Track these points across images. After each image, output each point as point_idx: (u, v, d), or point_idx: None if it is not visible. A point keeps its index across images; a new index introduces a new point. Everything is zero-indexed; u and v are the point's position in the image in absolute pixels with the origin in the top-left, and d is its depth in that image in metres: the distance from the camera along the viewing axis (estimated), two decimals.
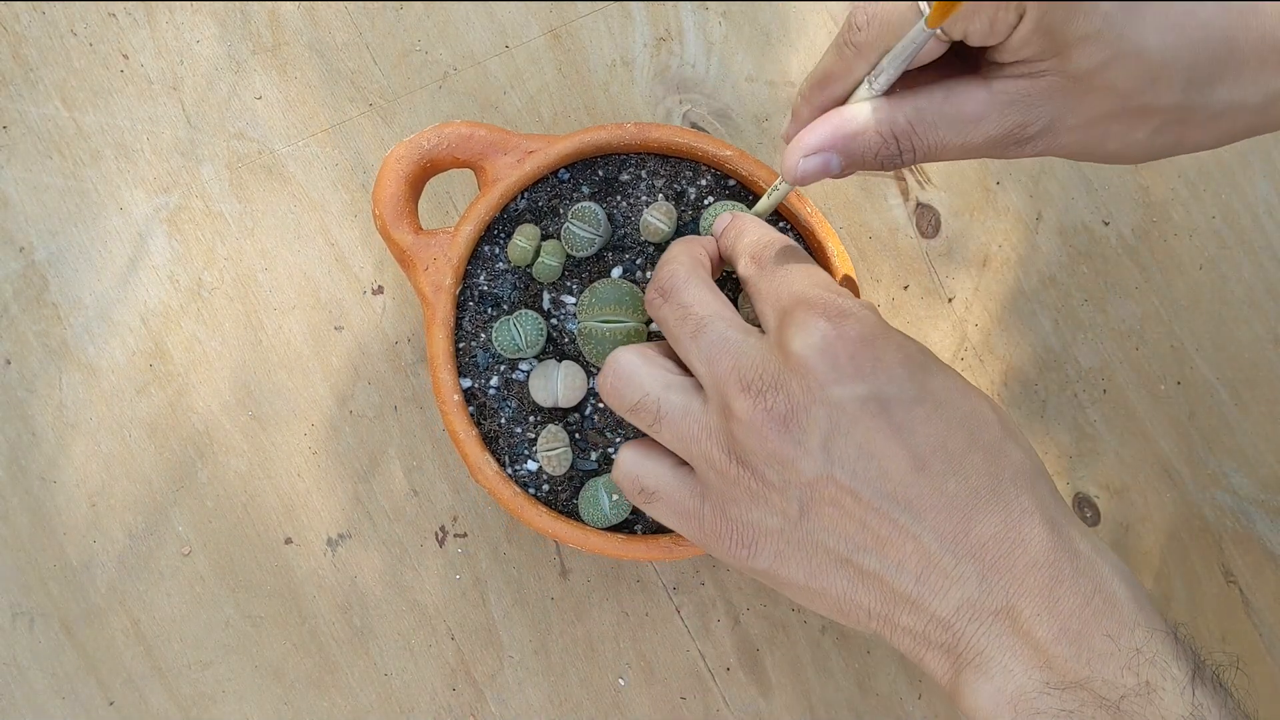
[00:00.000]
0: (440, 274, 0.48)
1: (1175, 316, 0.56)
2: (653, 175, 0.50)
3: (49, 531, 0.54)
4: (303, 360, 0.55)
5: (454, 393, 0.48)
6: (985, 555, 0.34)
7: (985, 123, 0.36)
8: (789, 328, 0.37)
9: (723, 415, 0.37)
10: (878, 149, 0.37)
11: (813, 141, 0.37)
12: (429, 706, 0.54)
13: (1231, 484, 0.56)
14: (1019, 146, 0.37)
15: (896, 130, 0.36)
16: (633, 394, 0.40)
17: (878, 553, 0.35)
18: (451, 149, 0.48)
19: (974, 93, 0.36)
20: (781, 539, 0.37)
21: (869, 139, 0.37)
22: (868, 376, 0.36)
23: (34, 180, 0.55)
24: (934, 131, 0.36)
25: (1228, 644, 0.55)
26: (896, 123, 0.36)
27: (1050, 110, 0.35)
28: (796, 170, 0.38)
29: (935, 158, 0.37)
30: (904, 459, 0.35)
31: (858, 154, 0.37)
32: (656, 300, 0.42)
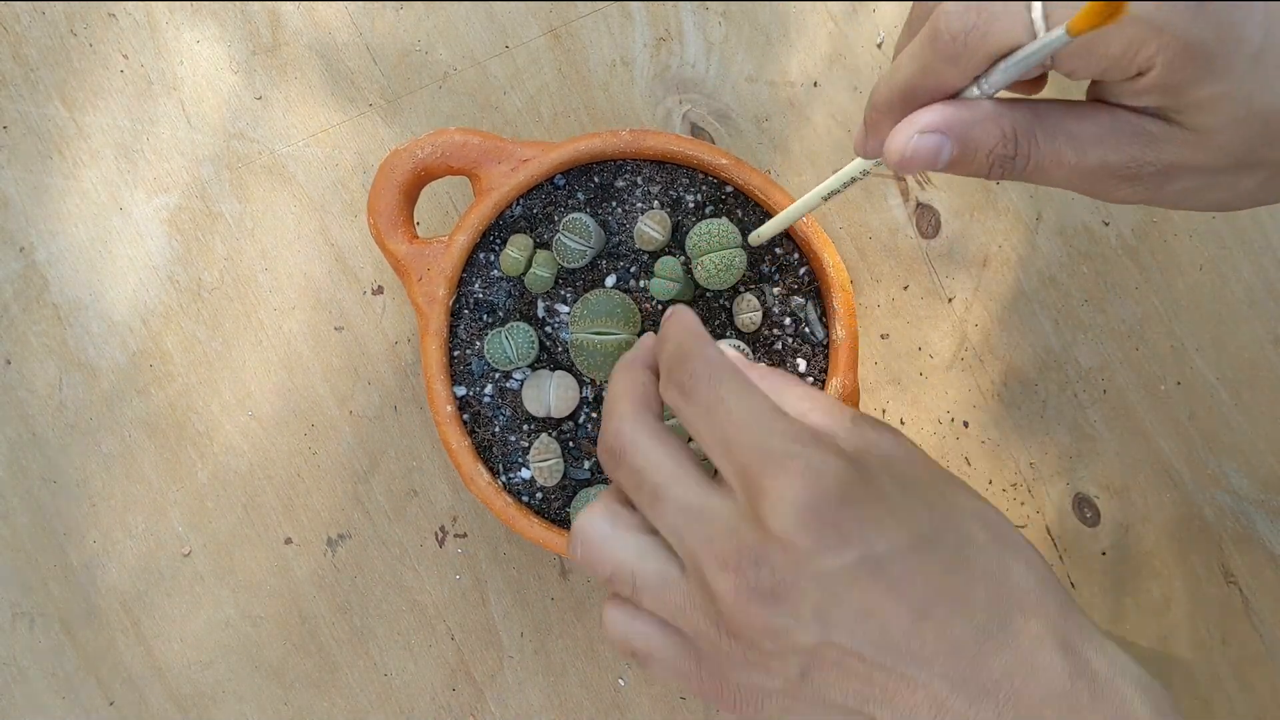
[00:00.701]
0: (434, 285, 0.48)
1: (1175, 316, 0.56)
2: (648, 182, 0.50)
3: (49, 531, 0.54)
4: (303, 360, 0.55)
5: (447, 404, 0.48)
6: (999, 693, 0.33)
7: (1103, 146, 0.34)
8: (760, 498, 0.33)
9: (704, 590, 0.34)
10: (995, 144, 0.34)
11: (931, 119, 0.34)
12: (429, 706, 0.54)
13: (1231, 484, 0.56)
14: (1130, 185, 0.35)
15: (1019, 128, 0.34)
16: (604, 566, 0.37)
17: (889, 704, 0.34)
18: (446, 157, 0.48)
19: (1096, 114, 0.34)
20: (786, 696, 0.35)
21: (989, 131, 0.34)
22: (855, 541, 0.33)
23: (34, 180, 0.55)
24: (1052, 141, 0.34)
25: (1228, 645, 0.55)
26: (1020, 121, 0.34)
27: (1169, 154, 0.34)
28: (908, 147, 0.34)
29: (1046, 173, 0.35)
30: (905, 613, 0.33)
31: (974, 144, 0.34)
32: (609, 463, 0.38)
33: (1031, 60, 0.32)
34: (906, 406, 0.56)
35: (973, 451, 0.56)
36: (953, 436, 0.56)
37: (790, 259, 0.49)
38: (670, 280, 0.48)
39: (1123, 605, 0.55)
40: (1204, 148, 0.33)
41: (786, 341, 0.49)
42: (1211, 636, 0.55)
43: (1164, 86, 0.32)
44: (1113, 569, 0.55)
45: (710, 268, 0.47)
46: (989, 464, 0.56)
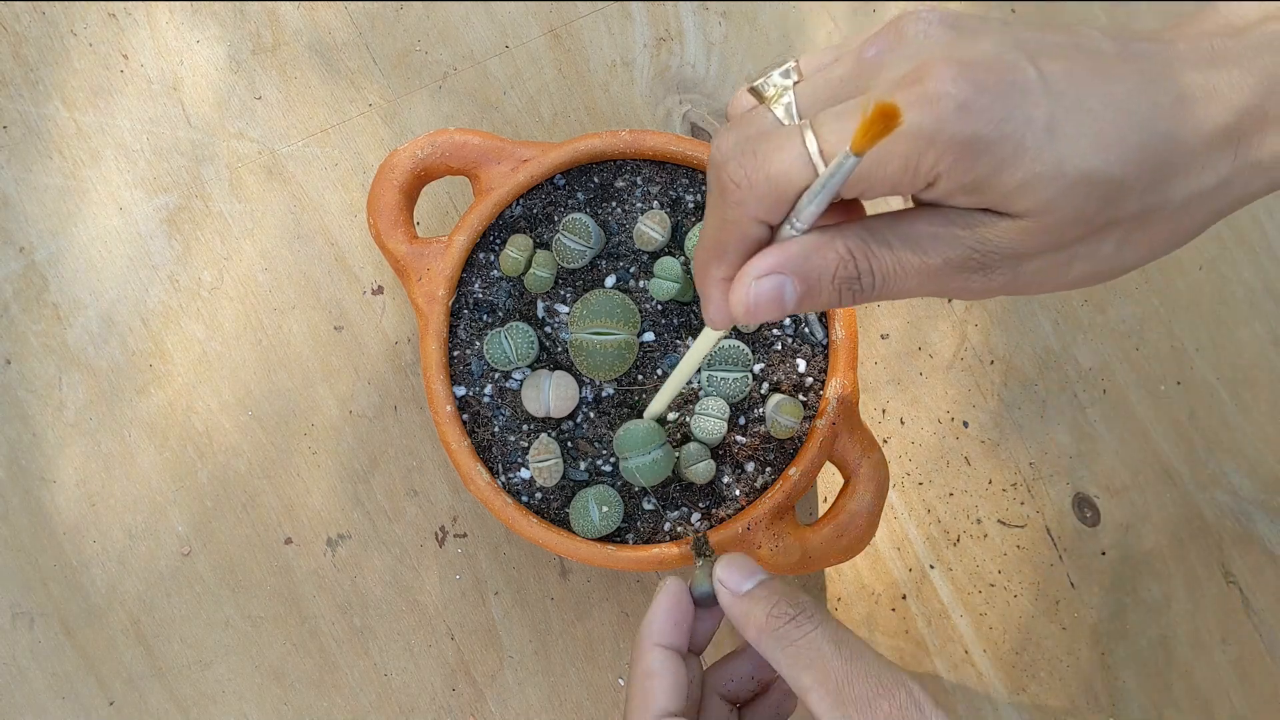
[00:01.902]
0: (434, 285, 0.48)
1: (1175, 316, 0.56)
2: (648, 182, 0.50)
3: (49, 531, 0.54)
4: (303, 360, 0.55)
5: (447, 404, 0.48)
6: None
7: (940, 243, 0.32)
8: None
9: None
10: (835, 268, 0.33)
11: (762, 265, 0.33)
12: (429, 706, 0.54)
13: (1231, 484, 0.56)
14: (983, 275, 0.33)
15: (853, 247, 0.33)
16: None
17: None
18: (445, 158, 0.48)
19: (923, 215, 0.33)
20: None
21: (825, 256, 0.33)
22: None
23: (34, 180, 0.55)
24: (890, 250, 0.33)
25: (1228, 645, 0.55)
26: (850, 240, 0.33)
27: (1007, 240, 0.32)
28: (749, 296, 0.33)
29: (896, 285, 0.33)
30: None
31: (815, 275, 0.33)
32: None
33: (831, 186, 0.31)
34: (906, 406, 0.56)
35: (973, 451, 0.56)
36: (953, 436, 0.56)
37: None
38: (670, 281, 0.48)
39: (1123, 605, 0.55)
40: (1038, 230, 0.32)
41: (786, 342, 0.49)
42: (1211, 636, 0.55)
43: (962, 188, 0.31)
44: (1113, 569, 0.55)
45: None
46: (989, 464, 0.56)
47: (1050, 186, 0.31)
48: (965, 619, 0.55)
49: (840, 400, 0.48)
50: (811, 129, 0.31)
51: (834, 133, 0.31)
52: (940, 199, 0.32)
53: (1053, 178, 0.31)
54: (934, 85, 0.30)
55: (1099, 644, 0.55)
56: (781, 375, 0.49)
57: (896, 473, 0.55)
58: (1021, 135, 0.30)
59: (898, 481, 0.55)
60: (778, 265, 0.33)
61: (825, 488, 0.55)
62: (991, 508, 0.56)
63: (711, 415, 0.47)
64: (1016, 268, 0.33)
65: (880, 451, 0.48)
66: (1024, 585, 0.55)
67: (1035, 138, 0.30)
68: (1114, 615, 0.55)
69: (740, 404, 0.48)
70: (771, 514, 0.47)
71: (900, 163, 0.30)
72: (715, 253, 0.34)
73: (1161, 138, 0.31)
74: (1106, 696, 0.55)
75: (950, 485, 0.56)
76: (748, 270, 0.33)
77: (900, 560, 0.55)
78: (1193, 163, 0.32)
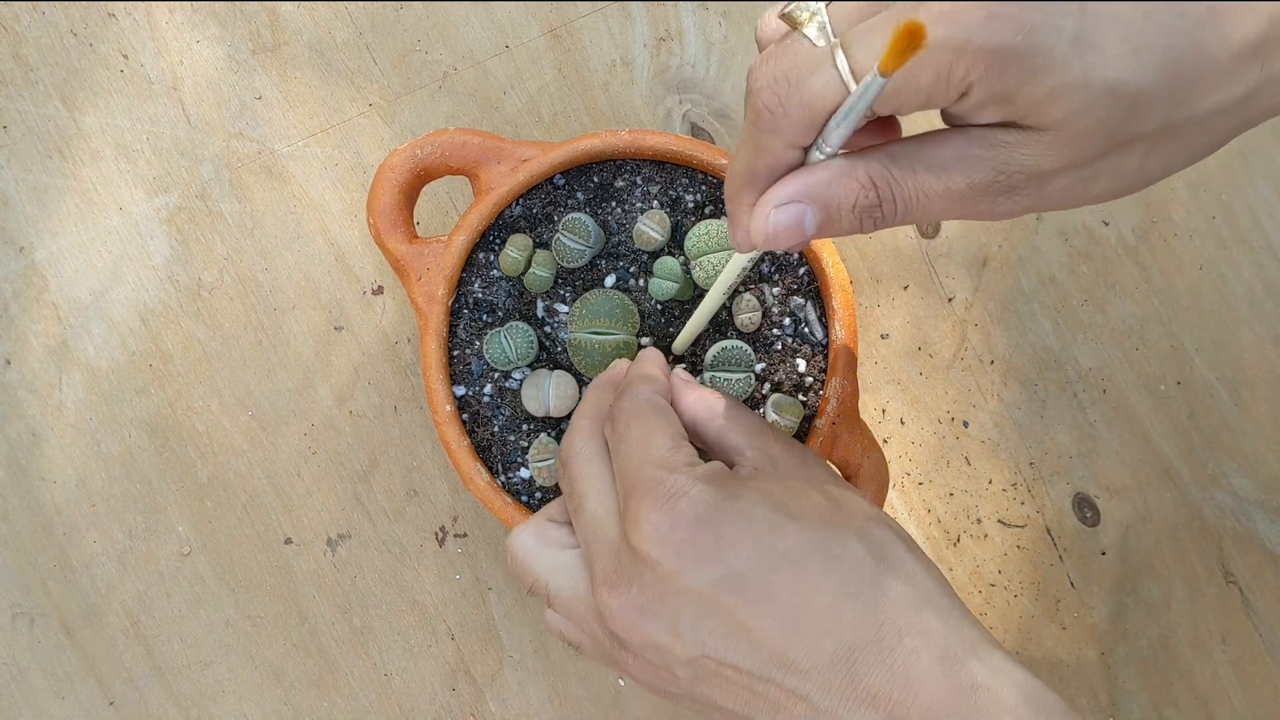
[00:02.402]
0: (433, 284, 0.48)
1: (1175, 316, 0.56)
2: (648, 182, 0.50)
3: (49, 531, 0.54)
4: (303, 360, 0.55)
5: (446, 403, 0.48)
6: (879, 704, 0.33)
7: (965, 165, 0.33)
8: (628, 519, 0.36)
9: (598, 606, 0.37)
10: (856, 197, 0.33)
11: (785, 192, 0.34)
12: (429, 706, 0.54)
13: (1231, 484, 0.56)
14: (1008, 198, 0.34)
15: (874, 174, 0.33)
16: (526, 578, 0.41)
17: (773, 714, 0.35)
18: (445, 157, 0.48)
19: (949, 139, 0.33)
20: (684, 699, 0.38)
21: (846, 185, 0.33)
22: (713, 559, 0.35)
23: (34, 180, 0.55)
24: (913, 175, 0.33)
25: (1228, 645, 0.55)
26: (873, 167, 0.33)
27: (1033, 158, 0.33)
28: (768, 224, 0.34)
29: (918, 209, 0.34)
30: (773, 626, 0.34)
31: (835, 204, 0.33)
32: (559, 469, 0.42)
33: (858, 110, 0.32)
34: (906, 406, 0.56)
35: (973, 451, 0.56)
36: (953, 436, 0.56)
37: (789, 259, 0.49)
38: (669, 280, 0.48)
39: (1123, 605, 0.55)
40: (1064, 143, 0.32)
41: (786, 341, 0.49)
42: (1211, 636, 0.55)
43: (994, 98, 0.31)
44: (1113, 569, 0.55)
45: (709, 268, 0.47)
46: (989, 464, 0.56)
47: (1077, 96, 0.31)
48: None
49: (840, 400, 0.48)
50: (843, 49, 0.32)
51: (865, 51, 0.31)
52: (971, 111, 0.32)
53: (1080, 87, 0.31)
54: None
55: (1099, 644, 0.55)
56: (782, 375, 0.49)
57: (896, 473, 0.55)
58: (1050, 45, 0.30)
59: (898, 481, 0.55)
60: (798, 193, 0.33)
61: None
62: (991, 508, 0.56)
63: None
64: (1041, 187, 0.33)
65: (880, 451, 0.48)
66: (1024, 585, 0.55)
67: (1063, 48, 0.30)
68: (1114, 615, 0.55)
69: None
70: None
71: (932, 74, 0.31)
72: (747, 179, 0.35)
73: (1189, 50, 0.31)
74: (1106, 696, 0.55)
75: (950, 485, 0.56)
76: (769, 198, 0.34)
77: None
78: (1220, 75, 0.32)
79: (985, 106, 0.32)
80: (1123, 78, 0.31)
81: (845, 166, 0.33)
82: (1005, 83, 0.31)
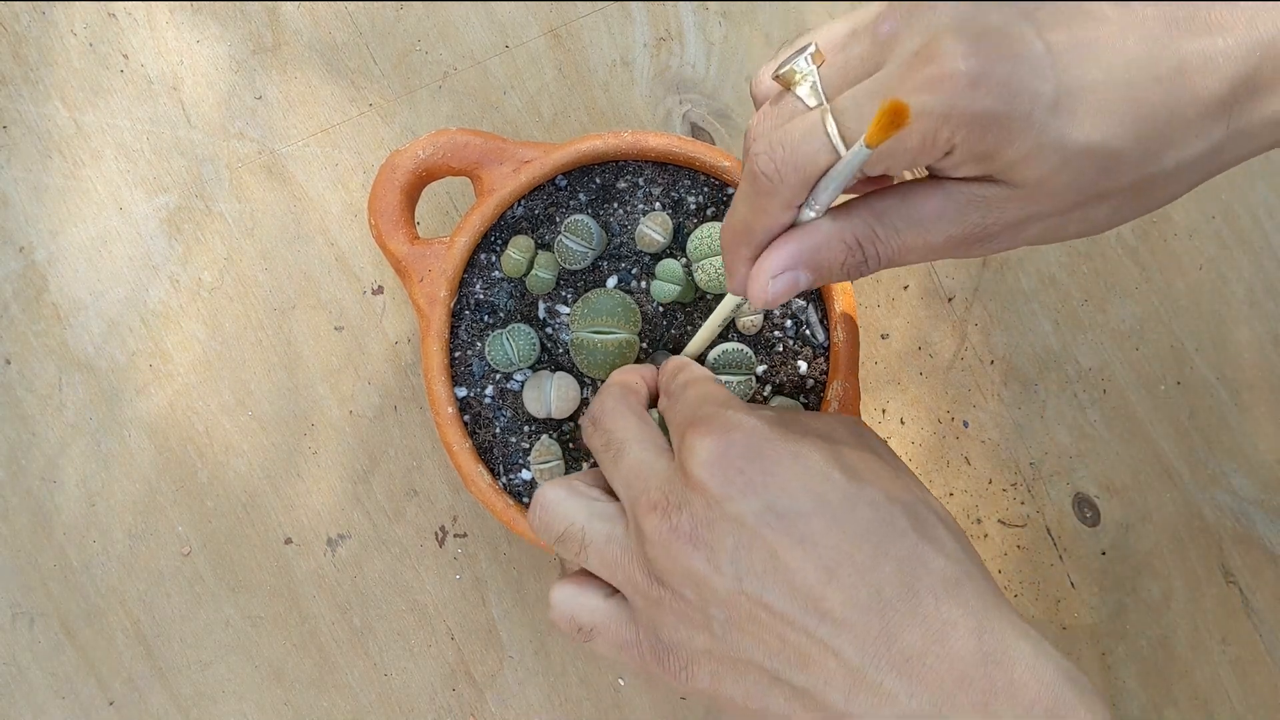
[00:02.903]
0: (435, 286, 0.48)
1: (1175, 316, 0.56)
2: (650, 183, 0.49)
3: (49, 531, 0.54)
4: (303, 360, 0.55)
5: (448, 405, 0.48)
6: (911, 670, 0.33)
7: (945, 221, 0.35)
8: (683, 449, 0.37)
9: (639, 536, 0.37)
10: (844, 258, 0.36)
11: (779, 262, 0.37)
12: (429, 706, 0.54)
13: (1231, 484, 0.56)
14: (983, 245, 0.36)
15: (860, 236, 0.36)
16: (558, 524, 0.40)
17: (803, 669, 0.35)
18: (447, 158, 0.48)
19: (930, 194, 0.35)
20: (712, 659, 0.37)
21: (834, 249, 0.36)
22: (759, 490, 0.36)
23: (34, 180, 0.55)
24: (896, 235, 0.36)
25: (1228, 645, 0.55)
26: (859, 229, 0.36)
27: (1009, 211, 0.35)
28: (767, 292, 0.37)
29: (900, 260, 0.37)
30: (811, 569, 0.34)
31: (824, 266, 0.36)
32: (588, 428, 0.43)
33: (845, 175, 0.34)
34: (906, 406, 0.56)
35: (973, 451, 0.56)
36: (953, 436, 0.56)
37: None
38: (671, 283, 0.48)
39: (1123, 605, 0.55)
40: (1039, 198, 0.34)
41: (787, 344, 0.49)
42: (1211, 636, 0.55)
43: (973, 157, 0.33)
44: (1113, 569, 0.56)
45: (711, 271, 0.47)
46: (989, 464, 0.56)
47: (1053, 157, 0.33)
48: None
49: (841, 403, 0.48)
50: (832, 115, 0.34)
51: (854, 119, 0.33)
52: (952, 167, 0.34)
53: (1054, 149, 0.32)
54: (947, 64, 0.32)
55: (1099, 644, 0.55)
56: (783, 377, 0.49)
57: None
58: (1029, 110, 0.32)
59: None
60: (790, 261, 0.36)
61: None
62: (991, 508, 0.56)
63: None
64: (1016, 234, 0.36)
65: None
66: (1024, 585, 0.55)
67: (1040, 112, 0.32)
68: (1114, 615, 0.55)
69: None
70: None
71: (919, 138, 0.32)
72: (744, 235, 0.37)
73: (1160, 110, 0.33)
74: (1106, 696, 0.55)
75: (950, 485, 0.56)
76: (764, 268, 0.37)
77: None
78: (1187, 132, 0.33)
79: (965, 164, 0.33)
80: (1096, 140, 0.33)
81: (834, 230, 0.36)
82: (985, 144, 0.32)
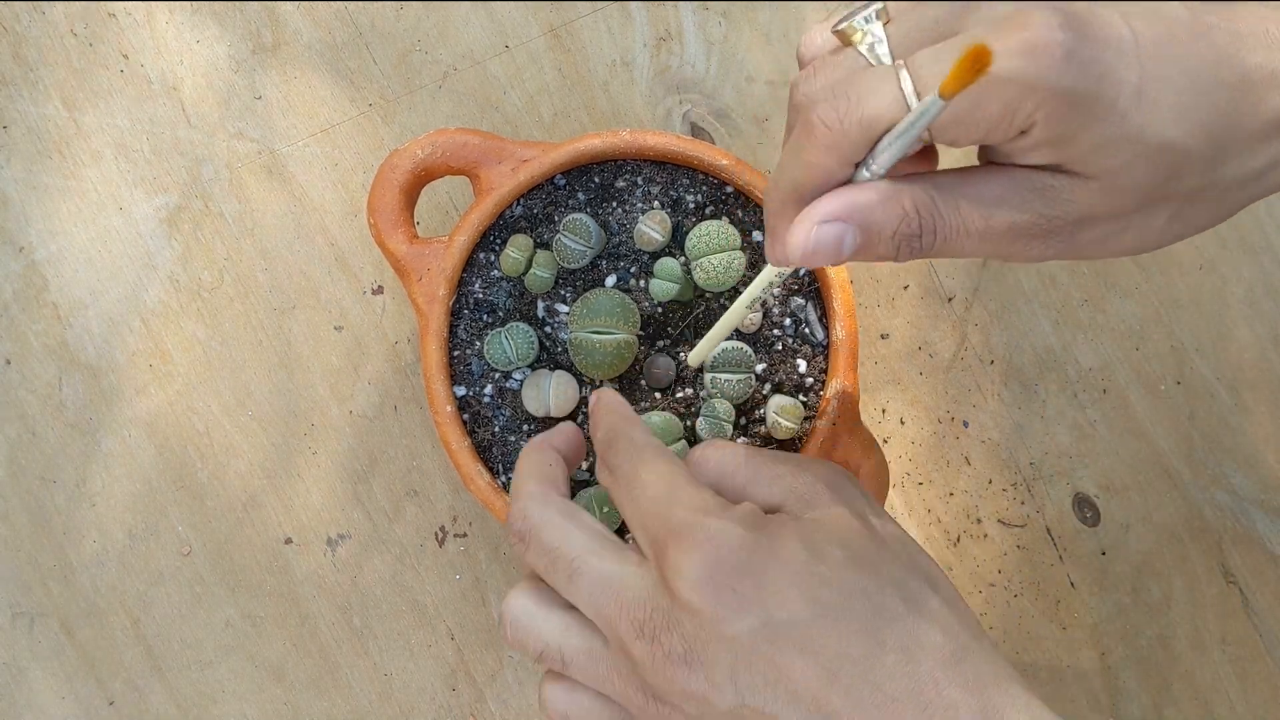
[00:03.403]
0: (434, 284, 0.48)
1: (1175, 316, 0.56)
2: (649, 182, 0.50)
3: (49, 531, 0.54)
4: (303, 360, 0.55)
5: (447, 404, 0.48)
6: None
7: (1008, 206, 0.33)
8: (666, 566, 0.35)
9: (626, 658, 0.36)
10: (898, 223, 0.33)
11: (829, 208, 0.33)
12: (429, 706, 0.54)
13: (1231, 484, 0.56)
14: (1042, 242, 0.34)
15: (919, 203, 0.33)
16: (534, 644, 0.38)
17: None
18: (446, 157, 0.48)
19: (993, 176, 0.33)
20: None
21: (890, 210, 0.33)
22: (754, 606, 0.34)
23: (34, 180, 0.55)
24: (956, 209, 0.33)
25: (1228, 645, 0.55)
26: (918, 196, 0.33)
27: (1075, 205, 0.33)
28: (810, 240, 0.33)
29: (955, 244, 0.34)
30: (813, 677, 0.34)
31: (876, 227, 0.33)
32: (519, 547, 0.39)
33: (913, 132, 0.31)
34: (906, 406, 0.56)
35: (973, 451, 0.56)
36: (953, 436, 0.56)
37: None
38: (670, 281, 0.48)
39: (1123, 605, 0.55)
40: (1108, 192, 0.33)
41: (786, 342, 0.49)
42: (1211, 636, 0.55)
43: (1051, 140, 0.32)
44: (1113, 569, 0.55)
45: (710, 269, 0.47)
46: (989, 464, 0.56)
47: (1128, 150, 0.32)
48: None
49: (840, 401, 0.48)
50: (907, 70, 0.31)
51: (932, 75, 0.31)
52: (1024, 150, 0.32)
53: (1133, 140, 0.31)
54: (1041, 32, 0.30)
55: (1099, 644, 0.55)
56: (783, 376, 0.49)
57: (896, 473, 0.55)
58: (1115, 95, 0.31)
59: (898, 481, 0.55)
60: (843, 212, 0.33)
61: None
62: (991, 508, 0.56)
63: (718, 418, 0.47)
64: (1075, 235, 0.34)
65: (880, 452, 0.48)
66: (1024, 585, 0.55)
67: (1125, 99, 0.31)
68: (1114, 615, 0.55)
69: (741, 405, 0.49)
70: None
71: (1000, 107, 0.31)
72: (793, 193, 0.34)
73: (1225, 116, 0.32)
74: (1106, 696, 0.55)
75: (950, 485, 0.56)
76: (813, 212, 0.33)
77: None
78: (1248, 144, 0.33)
79: (1040, 147, 0.32)
80: (1172, 137, 0.32)
81: (891, 190, 0.33)
82: (1067, 125, 0.31)
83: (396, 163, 0.48)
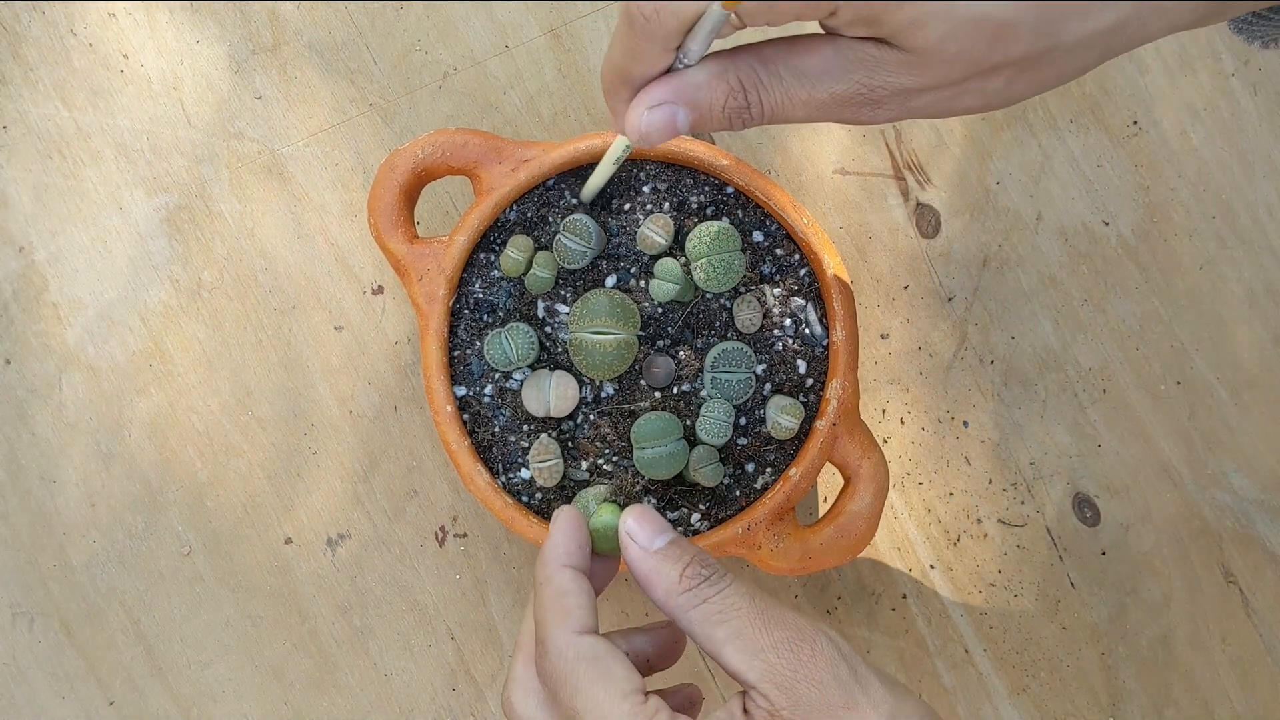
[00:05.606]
0: (434, 284, 0.48)
1: (1175, 316, 0.56)
2: (648, 182, 0.49)
3: (49, 531, 0.54)
4: (303, 360, 0.55)
5: (447, 404, 0.48)
6: None
7: (830, 78, 0.34)
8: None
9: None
10: (725, 98, 0.35)
11: (656, 94, 0.35)
12: (429, 706, 0.54)
13: (1231, 484, 0.56)
14: (871, 109, 0.35)
15: (744, 78, 0.35)
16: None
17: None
18: (446, 157, 0.48)
19: (818, 47, 0.34)
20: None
21: (715, 89, 0.35)
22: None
23: (34, 180, 0.55)
24: (779, 82, 0.35)
25: (1228, 645, 0.55)
26: (742, 71, 0.35)
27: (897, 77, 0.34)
28: (641, 124, 0.36)
29: (784, 114, 0.36)
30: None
31: (705, 104, 0.35)
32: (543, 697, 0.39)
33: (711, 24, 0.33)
34: (906, 406, 0.56)
35: (973, 451, 0.56)
36: (953, 436, 0.56)
37: (790, 260, 0.49)
38: (670, 282, 0.48)
39: (1123, 605, 0.55)
40: (930, 64, 0.33)
41: (786, 342, 0.49)
42: (1211, 636, 0.55)
43: (862, 19, 0.32)
44: (1113, 569, 0.55)
45: (710, 270, 0.47)
46: (989, 464, 0.56)
47: (941, 24, 0.32)
48: (965, 619, 0.55)
49: (840, 401, 0.48)
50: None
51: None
52: (839, 28, 0.33)
53: (944, 16, 0.32)
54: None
55: (1099, 644, 0.55)
56: (782, 376, 0.49)
57: (896, 473, 0.55)
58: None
59: (898, 481, 0.55)
60: (669, 95, 0.35)
61: (825, 488, 0.56)
62: (991, 508, 0.56)
63: (718, 418, 0.47)
64: (905, 102, 0.35)
65: (880, 452, 0.48)
66: (1024, 585, 0.55)
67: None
68: (1114, 615, 0.55)
69: (741, 405, 0.49)
70: (772, 515, 0.47)
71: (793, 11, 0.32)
72: (621, 78, 0.36)
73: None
74: (1106, 696, 0.55)
75: (950, 485, 0.56)
76: (641, 100, 0.36)
77: (900, 560, 0.55)
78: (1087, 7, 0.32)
79: (854, 25, 0.33)
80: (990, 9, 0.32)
81: (717, 69, 0.35)
82: (870, 8, 0.32)
83: (396, 163, 0.48)
